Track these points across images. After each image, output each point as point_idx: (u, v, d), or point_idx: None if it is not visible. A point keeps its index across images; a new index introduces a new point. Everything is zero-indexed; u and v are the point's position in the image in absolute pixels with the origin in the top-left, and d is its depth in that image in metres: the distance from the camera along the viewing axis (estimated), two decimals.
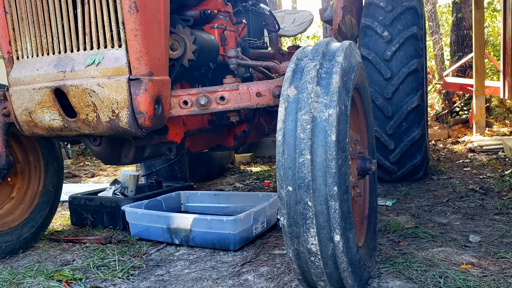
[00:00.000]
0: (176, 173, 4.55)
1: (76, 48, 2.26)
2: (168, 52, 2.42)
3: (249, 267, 2.39)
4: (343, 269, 1.74)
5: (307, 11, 5.57)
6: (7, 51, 2.42)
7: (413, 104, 4.00)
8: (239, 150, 6.09)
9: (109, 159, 2.66)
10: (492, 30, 12.48)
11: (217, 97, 2.30)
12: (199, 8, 2.84)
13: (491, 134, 7.35)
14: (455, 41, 9.88)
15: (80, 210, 3.39)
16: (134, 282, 2.29)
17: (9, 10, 2.36)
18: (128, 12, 2.13)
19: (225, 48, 2.93)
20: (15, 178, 2.97)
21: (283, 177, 1.72)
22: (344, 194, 1.70)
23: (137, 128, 2.22)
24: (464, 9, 9.56)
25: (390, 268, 2.23)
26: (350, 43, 2.01)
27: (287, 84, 1.82)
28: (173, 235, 2.83)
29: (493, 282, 2.01)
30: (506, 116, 8.80)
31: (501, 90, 7.07)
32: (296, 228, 1.72)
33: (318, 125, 1.70)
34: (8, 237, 2.76)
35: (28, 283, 2.31)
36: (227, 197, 3.46)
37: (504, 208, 3.25)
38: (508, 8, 6.56)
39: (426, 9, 12.27)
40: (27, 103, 2.35)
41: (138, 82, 2.16)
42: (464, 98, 9.33)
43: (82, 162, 7.53)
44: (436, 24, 13.49)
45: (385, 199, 3.69)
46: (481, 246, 2.50)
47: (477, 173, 4.59)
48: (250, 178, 5.24)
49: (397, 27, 4.14)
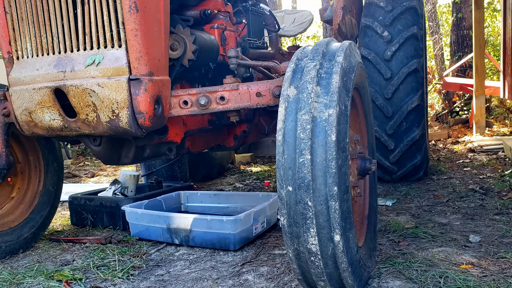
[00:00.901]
0: (176, 173, 4.55)
1: (76, 48, 2.26)
2: (168, 52, 2.42)
3: (249, 267, 2.39)
4: (343, 269, 1.75)
5: (307, 11, 5.57)
6: (7, 51, 2.42)
7: (413, 104, 4.00)
8: (239, 150, 6.09)
9: (109, 159, 2.66)
10: (492, 30, 12.48)
11: (217, 97, 2.30)
12: (199, 8, 2.84)
13: (491, 134, 7.35)
14: (455, 41, 9.88)
15: (80, 210, 3.39)
16: (134, 282, 2.29)
17: (9, 10, 2.36)
18: (128, 12, 2.13)
19: (225, 48, 2.93)
20: (15, 178, 2.97)
21: (283, 177, 1.72)
22: (344, 194, 1.70)
23: (137, 128, 2.22)
24: (464, 9, 9.56)
25: (390, 268, 2.23)
26: (350, 43, 2.01)
27: (287, 84, 1.82)
28: (173, 235, 2.83)
29: (493, 282, 2.01)
30: (506, 116, 8.80)
31: (501, 90, 7.07)
32: (296, 228, 1.72)
33: (318, 125, 1.70)
34: (8, 237, 2.76)
35: (28, 283, 2.31)
36: (227, 197, 3.46)
37: (504, 208, 3.25)
38: (508, 8, 6.56)
39: (426, 9, 12.26)
40: (27, 103, 2.35)
41: (138, 82, 2.16)
42: (464, 98, 9.33)
43: (82, 162, 7.53)
44: (436, 24, 13.49)
45: (385, 199, 3.69)
46: (481, 246, 2.50)
47: (477, 173, 4.59)
48: (250, 178, 5.24)
49: (397, 27, 4.14)
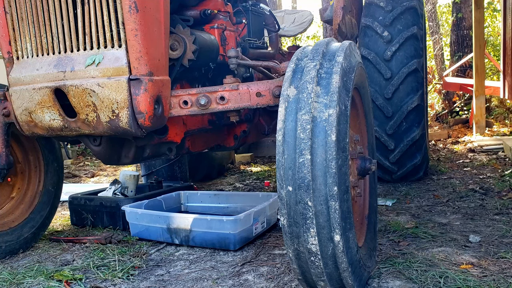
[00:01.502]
0: (176, 173, 4.54)
1: (76, 48, 2.26)
2: (168, 52, 2.42)
3: (249, 267, 2.39)
4: (343, 269, 1.74)
5: (307, 11, 5.56)
6: (7, 51, 2.42)
7: (413, 104, 4.00)
8: (239, 150, 6.08)
9: (109, 159, 2.66)
10: (492, 30, 12.48)
11: (217, 97, 2.30)
12: (199, 8, 2.84)
13: (491, 134, 7.35)
14: (455, 41, 9.88)
15: (80, 210, 3.39)
16: (134, 282, 2.29)
17: (9, 10, 2.36)
18: (128, 12, 2.13)
19: (225, 48, 2.93)
20: (15, 178, 2.97)
21: (283, 177, 1.72)
22: (344, 194, 1.70)
23: (137, 128, 2.22)
24: (464, 9, 9.56)
25: (390, 268, 2.23)
26: (350, 43, 2.01)
27: (287, 84, 1.82)
28: (173, 235, 2.83)
29: (493, 282, 2.01)
30: (506, 116, 8.80)
31: (501, 90, 7.07)
32: (296, 228, 1.72)
33: (318, 125, 1.70)
34: (8, 237, 2.76)
35: (28, 283, 2.31)
36: (227, 197, 3.46)
37: (504, 208, 3.25)
38: (508, 8, 6.56)
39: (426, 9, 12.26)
40: (27, 103, 2.35)
41: (138, 82, 2.16)
42: (464, 98, 9.33)
43: (82, 162, 7.53)
44: (436, 24, 13.49)
45: (385, 199, 3.69)
46: (481, 246, 2.50)
47: (477, 173, 4.59)
48: (250, 178, 5.24)
49: (397, 27, 4.14)
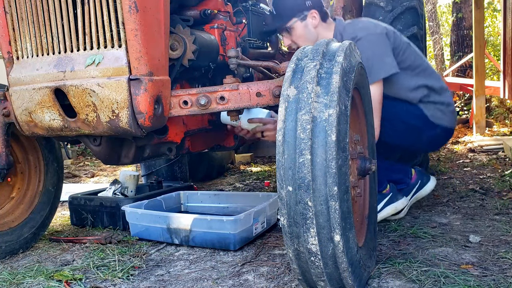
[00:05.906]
0: (176, 173, 4.54)
1: (76, 48, 2.25)
2: (168, 52, 2.42)
3: (249, 267, 2.39)
4: (343, 269, 1.74)
5: None
6: (7, 51, 2.42)
7: None
8: (239, 150, 6.08)
9: (109, 159, 2.66)
10: (492, 30, 12.49)
11: (217, 97, 2.30)
12: (199, 8, 2.84)
13: (491, 134, 7.35)
14: (455, 41, 9.89)
15: (80, 210, 3.39)
16: (134, 282, 2.29)
17: (9, 10, 2.36)
18: (128, 12, 2.13)
19: (225, 48, 2.93)
20: (15, 178, 2.97)
21: (283, 177, 1.72)
22: (344, 194, 1.70)
23: (137, 128, 2.22)
24: (464, 9, 9.57)
25: (390, 268, 2.23)
26: (350, 43, 2.00)
27: (287, 84, 1.82)
28: (173, 235, 2.83)
29: (493, 282, 2.01)
30: (506, 116, 8.80)
31: (501, 90, 7.08)
32: (296, 228, 1.72)
33: (318, 125, 1.70)
34: (8, 237, 2.76)
35: (28, 283, 2.31)
36: (227, 197, 3.46)
37: (504, 208, 3.25)
38: (508, 8, 6.57)
39: (426, 9, 12.26)
40: (27, 103, 2.35)
41: (138, 82, 2.16)
42: (464, 98, 9.34)
43: (82, 162, 7.53)
44: (436, 24, 13.49)
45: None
46: (481, 246, 2.50)
47: (477, 173, 4.59)
48: (250, 178, 5.24)
49: (397, 27, 4.13)
